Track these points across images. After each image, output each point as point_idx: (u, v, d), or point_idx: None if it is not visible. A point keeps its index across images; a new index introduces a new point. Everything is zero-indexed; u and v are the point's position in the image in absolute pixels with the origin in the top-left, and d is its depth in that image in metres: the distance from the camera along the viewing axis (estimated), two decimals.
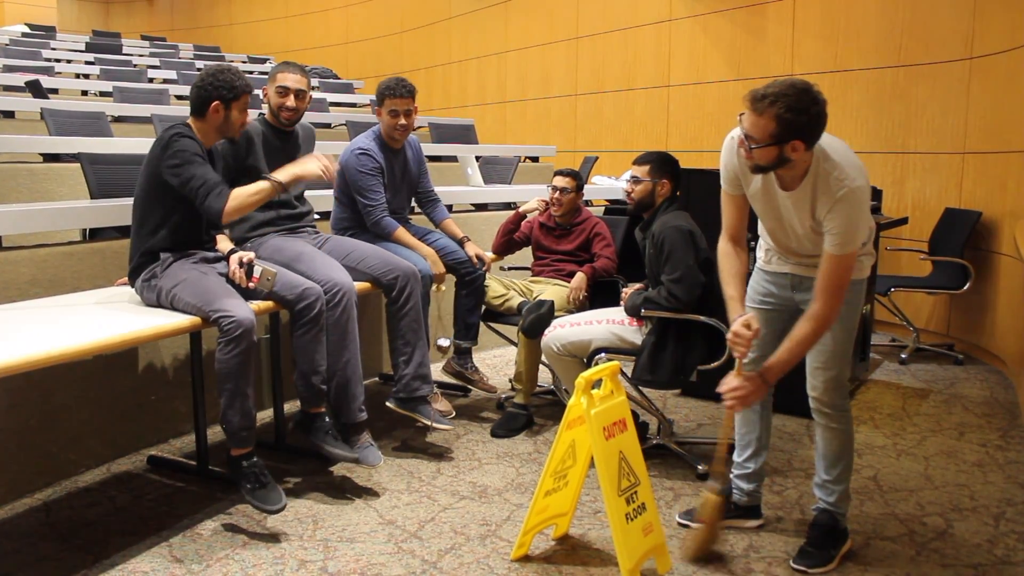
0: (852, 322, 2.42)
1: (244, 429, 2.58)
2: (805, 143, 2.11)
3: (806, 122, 2.06)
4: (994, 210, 4.80)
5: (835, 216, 2.15)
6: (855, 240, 2.18)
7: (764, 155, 2.13)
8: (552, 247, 3.90)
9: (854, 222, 2.15)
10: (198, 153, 2.64)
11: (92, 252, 3.13)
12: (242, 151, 3.03)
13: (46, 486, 2.93)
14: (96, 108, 5.66)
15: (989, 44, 4.89)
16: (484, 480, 3.05)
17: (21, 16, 13.93)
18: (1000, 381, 4.46)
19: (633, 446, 2.37)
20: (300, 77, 3.13)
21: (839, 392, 2.44)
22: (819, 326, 2.22)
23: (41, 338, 2.17)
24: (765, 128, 2.08)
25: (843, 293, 2.21)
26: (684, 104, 7.27)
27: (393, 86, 3.43)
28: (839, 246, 2.17)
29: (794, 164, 2.16)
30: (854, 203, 2.14)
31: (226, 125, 2.75)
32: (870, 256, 2.45)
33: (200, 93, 2.71)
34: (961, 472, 3.18)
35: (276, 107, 3.10)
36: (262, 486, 2.58)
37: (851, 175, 2.15)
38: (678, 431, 3.56)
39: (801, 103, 2.04)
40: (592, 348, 3.11)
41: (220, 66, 2.78)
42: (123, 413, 3.22)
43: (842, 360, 2.42)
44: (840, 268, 2.19)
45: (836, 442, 2.47)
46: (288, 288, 2.78)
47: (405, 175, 3.61)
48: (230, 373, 2.52)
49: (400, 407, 3.27)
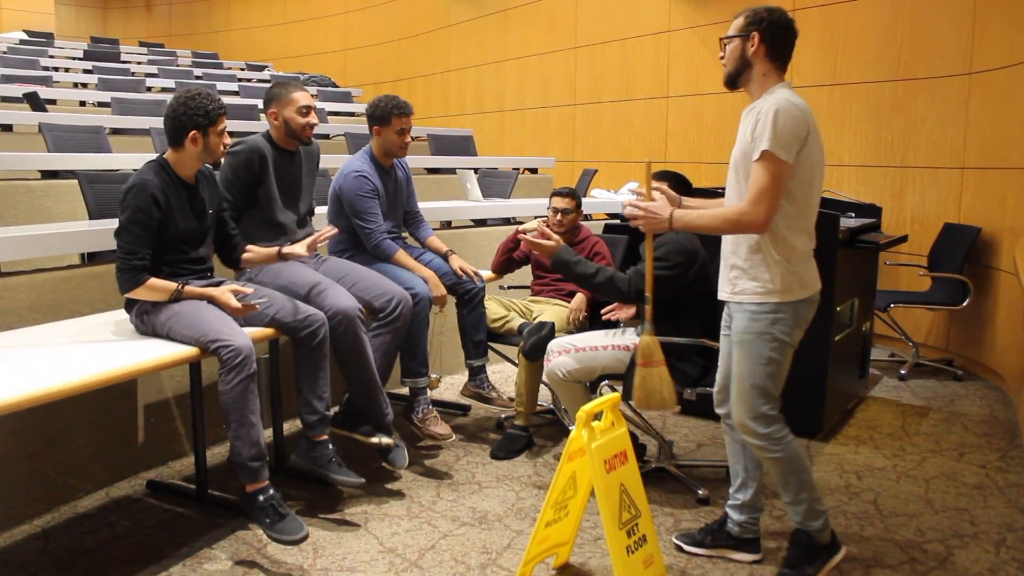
0: (763, 355, 2.36)
1: (255, 460, 2.56)
2: (763, 41, 2.31)
3: (767, 18, 2.31)
4: (993, 226, 4.81)
5: (761, 120, 2.24)
6: (774, 137, 2.20)
7: (731, 53, 2.37)
8: None
9: (776, 124, 2.21)
10: (144, 210, 2.57)
11: (91, 276, 3.12)
12: (255, 173, 3.04)
13: (45, 512, 2.92)
14: (94, 122, 5.65)
15: (988, 60, 4.89)
16: (484, 505, 3.05)
17: (19, 22, 13.91)
18: (999, 398, 4.46)
19: (634, 478, 2.36)
20: (309, 92, 3.16)
21: (756, 422, 2.40)
22: (735, 219, 2.29)
23: (41, 373, 2.17)
24: (736, 25, 2.36)
25: (769, 200, 2.23)
26: (683, 115, 7.27)
27: (401, 104, 3.46)
28: (760, 146, 2.22)
29: (753, 77, 2.35)
30: (777, 111, 2.22)
31: (206, 152, 2.71)
32: (796, 277, 2.34)
33: (174, 124, 2.66)
34: (961, 496, 3.17)
35: (300, 128, 3.10)
36: (281, 518, 2.55)
37: (780, 98, 2.26)
38: (678, 452, 3.56)
39: (769, 9, 2.32)
40: (598, 374, 3.10)
41: (191, 91, 2.70)
42: (122, 436, 3.21)
43: (752, 393, 2.39)
44: (761, 171, 2.23)
45: (774, 468, 2.45)
46: (291, 315, 2.78)
47: (397, 194, 3.61)
48: (234, 402, 2.51)
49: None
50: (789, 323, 2.36)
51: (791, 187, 2.29)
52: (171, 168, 2.71)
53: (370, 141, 3.53)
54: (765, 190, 2.23)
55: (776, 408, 2.43)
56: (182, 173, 2.73)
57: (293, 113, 3.08)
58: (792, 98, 2.27)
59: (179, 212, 2.69)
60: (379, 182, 3.46)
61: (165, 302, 2.62)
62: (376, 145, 3.50)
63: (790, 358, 2.43)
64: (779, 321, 2.35)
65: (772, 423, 2.42)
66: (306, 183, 3.26)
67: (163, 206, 2.63)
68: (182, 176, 2.73)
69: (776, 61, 2.35)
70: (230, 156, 3.00)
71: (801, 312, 2.39)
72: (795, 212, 2.33)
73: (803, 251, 2.37)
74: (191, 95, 2.68)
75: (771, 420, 2.42)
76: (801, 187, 2.31)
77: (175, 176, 2.70)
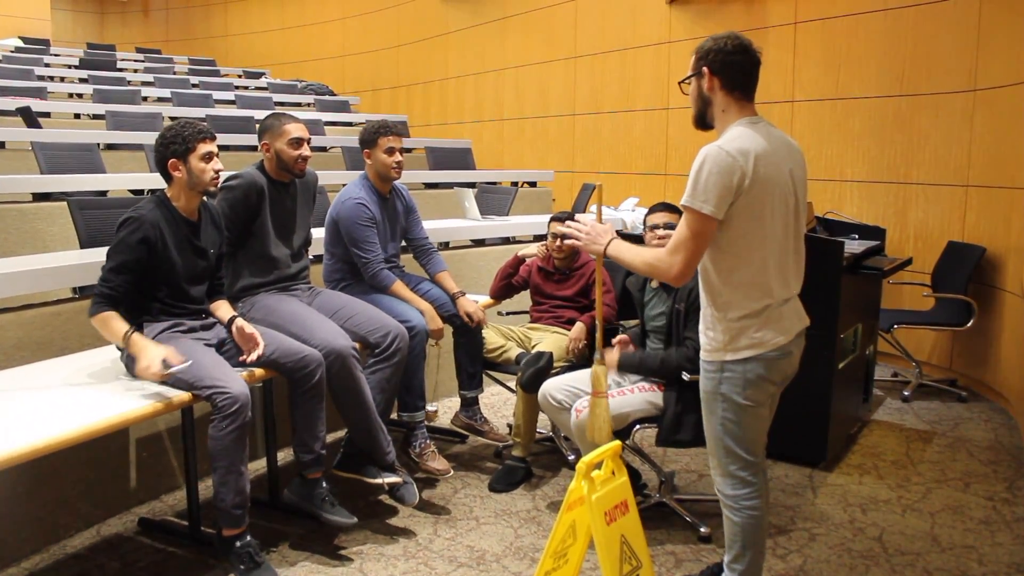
0: (717, 415, 2.25)
1: (238, 507, 2.51)
2: (714, 74, 2.17)
3: (712, 48, 2.17)
4: (998, 246, 4.75)
5: (692, 169, 2.12)
6: (695, 189, 2.08)
7: (692, 94, 2.26)
8: (551, 292, 3.83)
9: (699, 175, 2.08)
10: (131, 245, 2.51)
11: (80, 311, 3.05)
12: (253, 205, 2.98)
13: (33, 553, 2.86)
14: (88, 139, 5.59)
15: (993, 77, 4.83)
16: (482, 544, 2.99)
17: (15, 28, 13.82)
18: (1004, 422, 4.40)
19: (635, 528, 2.31)
20: (302, 123, 3.09)
21: (723, 481, 2.31)
22: (652, 263, 2.20)
23: (33, 423, 2.13)
24: (691, 63, 2.24)
25: (685, 252, 2.11)
26: (684, 127, 7.20)
27: (388, 124, 3.41)
28: (683, 198, 2.12)
29: (715, 113, 2.21)
30: (705, 159, 2.09)
31: (192, 179, 2.63)
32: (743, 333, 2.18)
33: (158, 157, 2.65)
34: (968, 531, 3.12)
35: (292, 161, 3.04)
36: (256, 566, 2.51)
37: (716, 144, 2.12)
38: (679, 483, 3.50)
39: (719, 39, 2.18)
40: (631, 420, 2.99)
41: (172, 124, 2.70)
42: (114, 472, 3.15)
43: (718, 452, 2.29)
44: (682, 224, 2.13)
45: (728, 527, 2.35)
46: (288, 355, 2.72)
47: (395, 223, 3.55)
48: (224, 450, 2.45)
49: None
50: (738, 382, 2.19)
51: (729, 240, 2.14)
52: (170, 203, 2.66)
53: (364, 169, 3.47)
54: (683, 243, 2.11)
55: (749, 471, 2.27)
56: (182, 208, 2.67)
57: (284, 145, 3.02)
58: (730, 144, 2.09)
59: (177, 249, 2.63)
60: (377, 210, 3.40)
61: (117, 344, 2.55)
62: (370, 171, 3.45)
63: (756, 417, 2.25)
64: (726, 380, 2.21)
65: (741, 487, 2.28)
66: (301, 215, 3.20)
67: (158, 243, 2.57)
68: (183, 212, 2.67)
69: (736, 91, 2.18)
70: (225, 191, 2.93)
71: (754, 371, 2.18)
72: (737, 265, 2.16)
73: (750, 307, 2.17)
74: (171, 126, 2.67)
75: (740, 483, 2.28)
76: (745, 239, 2.13)
77: (175, 212, 2.65)
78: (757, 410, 2.24)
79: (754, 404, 2.22)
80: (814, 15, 5.97)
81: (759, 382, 2.20)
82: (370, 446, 3.03)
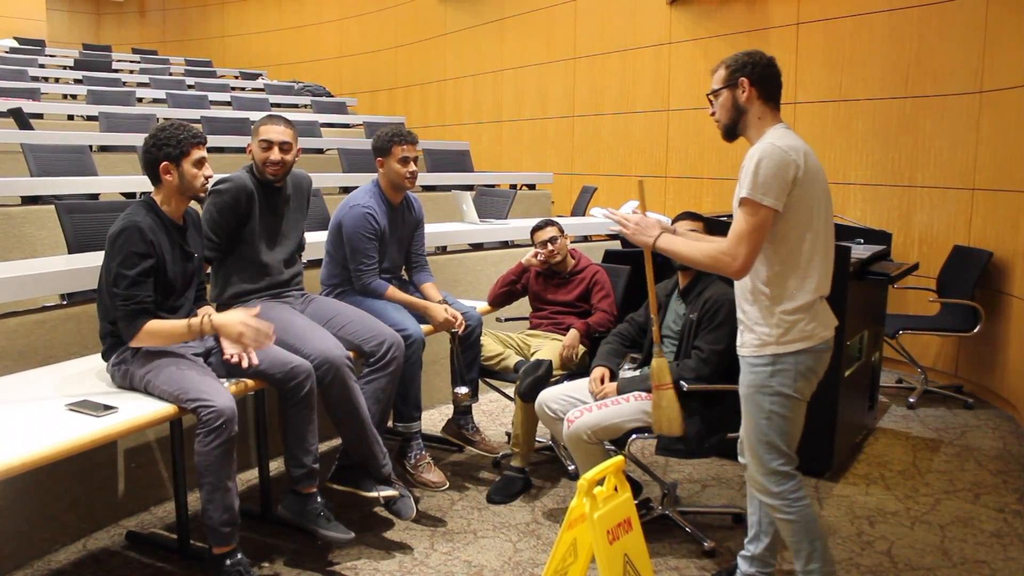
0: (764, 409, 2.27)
1: (226, 525, 2.42)
2: (753, 84, 2.25)
3: (749, 62, 2.26)
4: (1005, 250, 4.67)
5: (745, 167, 2.17)
6: (755, 183, 2.13)
7: (722, 105, 2.30)
8: (551, 298, 3.75)
9: (757, 170, 2.13)
10: (139, 253, 2.43)
11: (67, 318, 2.97)
12: (243, 210, 2.89)
13: (16, 569, 2.77)
14: (79, 141, 5.50)
15: (1000, 79, 4.75)
16: (480, 558, 2.90)
17: (11, 29, 13.72)
18: (1012, 429, 4.32)
19: (638, 546, 2.22)
20: (285, 128, 2.97)
21: (767, 479, 2.32)
22: (714, 254, 2.22)
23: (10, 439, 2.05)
24: (720, 77, 2.31)
25: (748, 245, 2.15)
26: (684, 129, 7.12)
27: (403, 133, 3.30)
28: (741, 193, 2.16)
29: (750, 123, 2.27)
30: (762, 156, 2.15)
31: (184, 184, 2.55)
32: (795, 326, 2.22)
33: (148, 159, 2.54)
34: (980, 545, 3.03)
35: (261, 162, 2.94)
36: None
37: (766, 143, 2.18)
38: (682, 493, 3.41)
39: (748, 53, 2.29)
40: (625, 431, 2.91)
41: (163, 124, 2.59)
42: (101, 483, 3.06)
43: (760, 449, 2.31)
44: (741, 216, 2.16)
45: (786, 531, 2.36)
46: (276, 366, 2.63)
47: (403, 233, 3.46)
48: (210, 466, 2.36)
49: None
50: (790, 375, 2.24)
51: (784, 232, 2.20)
52: (158, 207, 2.57)
53: (377, 175, 3.38)
54: (745, 233, 2.16)
55: (791, 465, 2.32)
56: (169, 213, 2.58)
57: (256, 147, 2.94)
58: (780, 140, 2.18)
59: (168, 255, 2.55)
60: (386, 221, 3.30)
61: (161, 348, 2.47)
62: (383, 178, 3.34)
63: (800, 412, 2.31)
64: (778, 373, 2.25)
65: (785, 481, 2.31)
66: (294, 220, 3.11)
67: (156, 248, 2.49)
68: (170, 216, 2.59)
69: (770, 102, 2.29)
70: (214, 195, 2.84)
71: (805, 363, 2.25)
72: (790, 257, 2.22)
73: (803, 299, 2.23)
74: (163, 127, 2.56)
75: (784, 478, 2.31)
76: (797, 230, 2.20)
77: (164, 216, 2.56)
78: (802, 405, 2.30)
79: (801, 398, 2.28)
80: (817, 16, 5.90)
81: (809, 375, 2.27)
82: (365, 458, 2.94)
